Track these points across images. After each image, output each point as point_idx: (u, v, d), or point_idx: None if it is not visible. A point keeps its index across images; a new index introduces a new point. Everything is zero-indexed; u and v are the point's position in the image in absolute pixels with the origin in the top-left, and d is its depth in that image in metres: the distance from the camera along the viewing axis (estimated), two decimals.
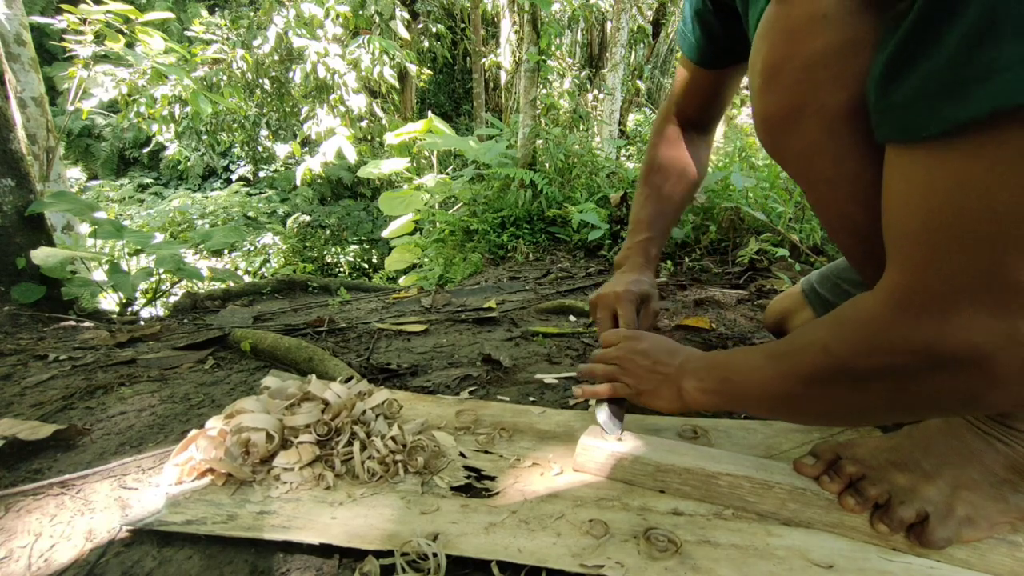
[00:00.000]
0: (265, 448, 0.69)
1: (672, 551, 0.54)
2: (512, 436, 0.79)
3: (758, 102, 0.53)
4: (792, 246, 2.05)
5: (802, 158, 0.53)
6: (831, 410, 0.53)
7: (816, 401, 0.52)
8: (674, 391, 0.66)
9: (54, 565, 0.55)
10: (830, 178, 0.52)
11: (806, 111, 0.49)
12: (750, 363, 0.58)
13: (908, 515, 0.53)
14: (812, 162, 0.52)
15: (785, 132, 0.52)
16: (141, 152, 11.54)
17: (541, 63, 3.81)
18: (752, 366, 0.58)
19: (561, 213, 3.14)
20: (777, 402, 0.56)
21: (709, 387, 0.63)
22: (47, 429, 0.81)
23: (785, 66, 0.49)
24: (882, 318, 0.44)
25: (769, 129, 0.54)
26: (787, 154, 0.54)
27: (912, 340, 0.42)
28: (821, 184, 0.54)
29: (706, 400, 0.63)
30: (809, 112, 0.49)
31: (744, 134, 6.15)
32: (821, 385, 0.50)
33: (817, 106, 0.48)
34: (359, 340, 1.36)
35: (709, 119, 0.99)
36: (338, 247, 8.94)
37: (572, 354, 1.18)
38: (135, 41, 4.02)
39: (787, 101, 0.50)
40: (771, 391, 0.55)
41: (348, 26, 6.69)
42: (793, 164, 0.55)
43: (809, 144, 0.51)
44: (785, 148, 0.54)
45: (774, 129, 0.53)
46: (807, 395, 0.52)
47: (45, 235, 2.03)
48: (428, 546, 0.54)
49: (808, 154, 0.52)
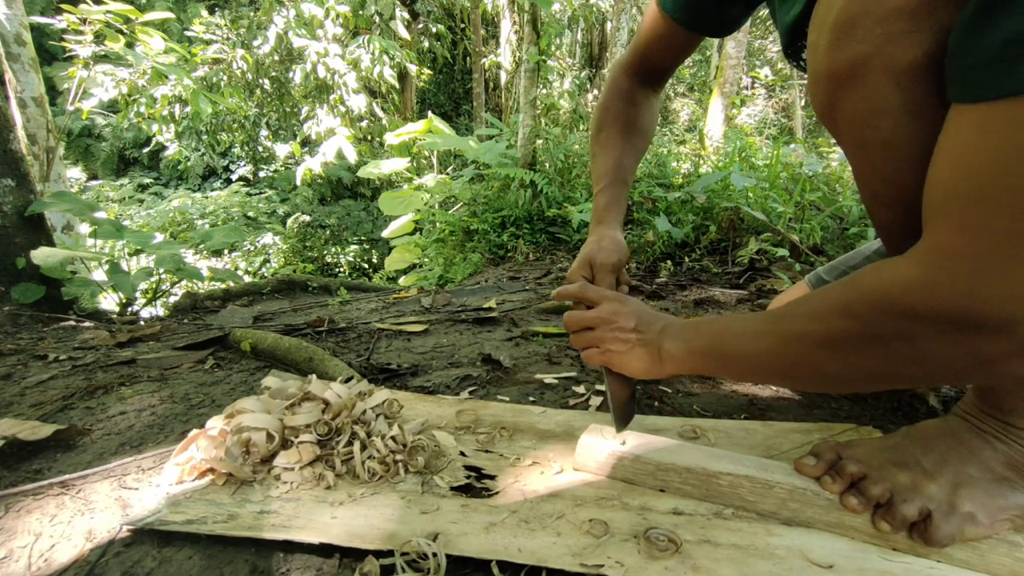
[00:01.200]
0: (265, 448, 0.69)
1: (672, 551, 0.54)
2: (512, 436, 0.79)
3: (824, 57, 0.50)
4: (792, 246, 2.05)
5: (861, 119, 0.50)
6: (840, 374, 0.51)
7: (825, 363, 0.51)
8: (653, 353, 0.65)
9: (54, 565, 0.55)
10: (888, 141, 0.49)
11: (876, 66, 0.46)
12: (746, 327, 0.58)
13: (911, 513, 0.53)
14: (872, 123, 0.49)
15: (850, 88, 0.49)
16: (141, 152, 11.54)
17: (541, 63, 3.81)
18: (749, 330, 0.57)
19: (561, 213, 3.14)
20: (778, 364, 0.55)
21: (694, 347, 0.62)
22: (47, 429, 0.81)
23: (861, 18, 0.46)
24: (918, 278, 0.43)
25: (832, 86, 0.50)
26: (845, 114, 0.51)
27: (946, 302, 0.42)
28: (876, 148, 0.51)
29: (688, 361, 0.62)
30: (879, 67, 0.46)
31: (744, 134, 6.15)
32: (835, 349, 0.49)
33: (889, 61, 0.46)
34: (359, 340, 1.36)
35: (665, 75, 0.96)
36: (338, 247, 8.94)
37: (572, 354, 1.18)
38: (135, 41, 4.03)
39: (858, 54, 0.47)
40: (772, 354, 0.54)
41: (348, 26, 6.69)
42: (849, 126, 0.52)
43: (873, 103, 0.48)
44: (844, 107, 0.51)
45: (838, 85, 0.50)
46: (816, 357, 0.51)
47: (45, 235, 2.03)
48: (428, 546, 0.54)
49: (869, 114, 0.49)
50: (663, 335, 0.65)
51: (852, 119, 0.51)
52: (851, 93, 0.49)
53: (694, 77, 14.05)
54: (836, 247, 2.10)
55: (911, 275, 0.44)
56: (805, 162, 2.71)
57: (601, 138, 0.93)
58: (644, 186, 2.95)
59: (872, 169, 0.53)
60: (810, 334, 0.51)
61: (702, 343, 0.62)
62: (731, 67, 6.86)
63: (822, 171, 2.85)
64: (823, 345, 0.50)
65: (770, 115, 10.82)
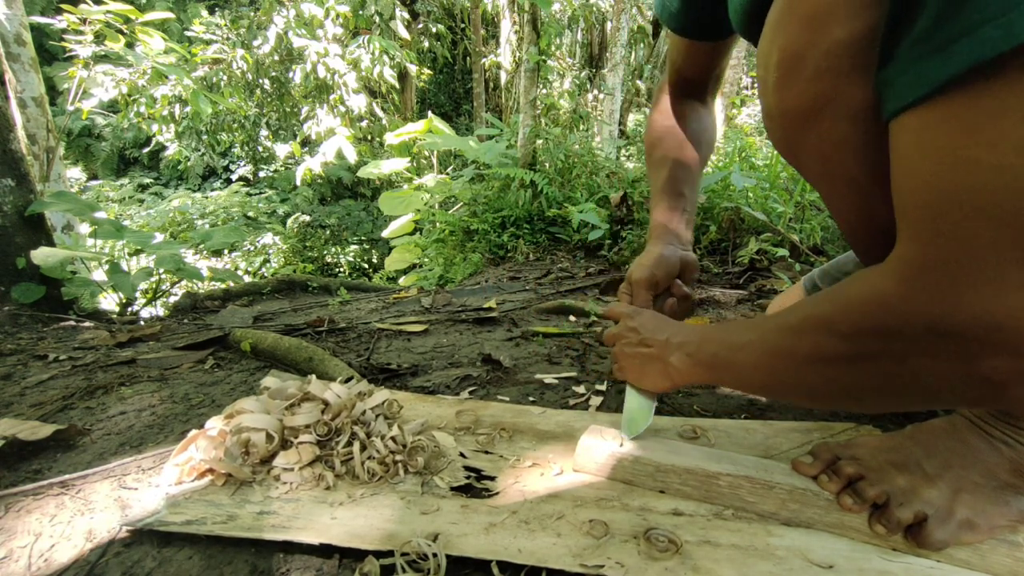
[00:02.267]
0: (265, 448, 0.69)
1: (672, 551, 0.54)
2: (512, 436, 0.79)
3: (774, 96, 0.50)
4: (792, 246, 2.05)
5: (823, 155, 0.50)
6: (827, 390, 0.50)
7: (813, 380, 0.50)
8: (661, 367, 0.65)
9: (54, 565, 0.55)
10: (853, 175, 0.49)
11: (830, 104, 0.46)
12: (743, 337, 0.57)
13: (906, 516, 0.53)
14: (834, 159, 0.49)
15: (806, 128, 0.49)
16: (141, 152, 11.54)
17: (541, 63, 3.81)
18: (745, 341, 0.56)
19: (561, 213, 3.14)
20: (770, 379, 0.55)
21: (698, 360, 0.61)
22: (47, 429, 0.81)
23: (807, 55, 0.45)
24: (893, 293, 0.42)
25: (786, 125, 0.50)
26: (805, 152, 0.51)
27: (925, 315, 0.40)
28: (842, 181, 0.51)
29: (693, 373, 0.62)
30: (834, 105, 0.46)
31: (744, 134, 6.15)
32: (821, 364, 0.48)
33: (843, 98, 0.45)
34: (359, 340, 1.36)
35: (703, 87, 0.94)
36: (338, 247, 8.94)
37: (572, 354, 1.18)
38: (135, 41, 4.03)
39: (810, 94, 0.47)
40: (765, 368, 0.54)
41: (348, 26, 6.69)
42: (812, 162, 0.52)
43: (832, 140, 0.48)
44: (804, 145, 0.50)
45: (793, 125, 0.50)
46: (804, 374, 0.50)
47: (45, 235, 2.03)
48: (428, 546, 0.54)
49: (831, 151, 0.49)
50: (668, 348, 0.65)
51: (815, 155, 0.50)
52: (809, 132, 0.49)
53: None
54: (836, 247, 2.10)
55: (886, 289, 0.43)
56: None
57: (652, 159, 0.93)
58: (644, 186, 2.95)
59: (841, 201, 0.53)
60: (796, 350, 0.50)
61: (704, 355, 0.61)
62: (731, 67, 6.86)
63: None
64: (809, 362, 0.49)
65: None
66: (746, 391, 0.66)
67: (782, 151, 0.54)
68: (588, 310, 1.51)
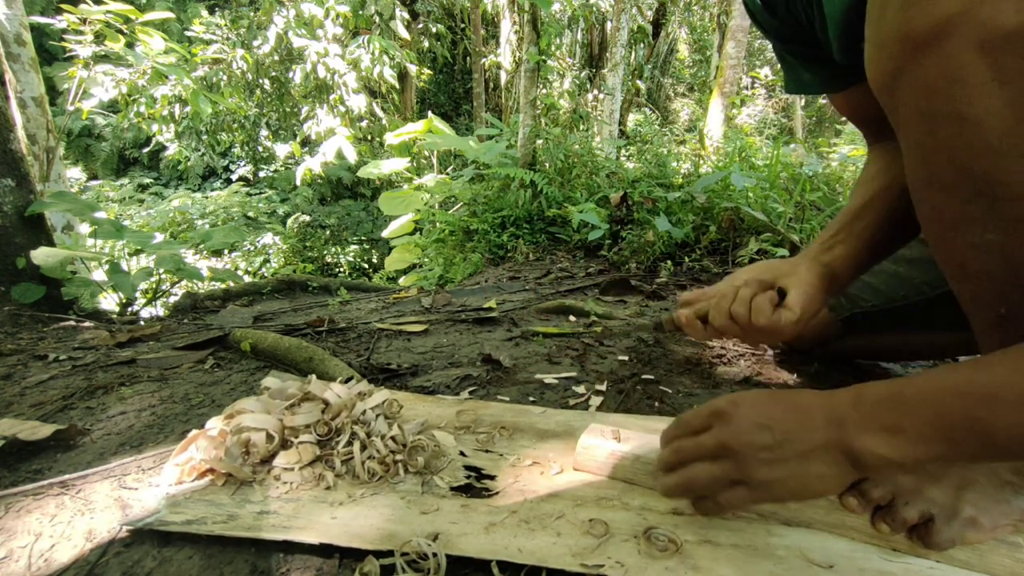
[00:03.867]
0: (265, 448, 0.69)
1: (672, 551, 0.54)
2: (512, 436, 0.79)
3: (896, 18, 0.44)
4: (792, 246, 2.05)
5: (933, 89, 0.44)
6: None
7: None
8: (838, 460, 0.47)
9: (54, 565, 0.55)
10: (963, 116, 0.43)
11: (963, 27, 0.41)
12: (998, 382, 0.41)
13: (911, 516, 0.53)
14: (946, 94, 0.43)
15: (925, 54, 0.43)
16: (141, 152, 11.54)
17: (541, 63, 3.81)
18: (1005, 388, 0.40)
19: (561, 213, 3.14)
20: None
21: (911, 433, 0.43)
22: (47, 429, 0.81)
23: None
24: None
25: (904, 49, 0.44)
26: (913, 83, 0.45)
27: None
28: (947, 122, 0.44)
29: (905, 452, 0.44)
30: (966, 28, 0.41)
31: (744, 134, 6.15)
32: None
33: (978, 25, 0.40)
34: (359, 340, 1.36)
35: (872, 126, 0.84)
36: (338, 247, 8.95)
37: (572, 354, 1.18)
38: (135, 41, 4.03)
39: (941, 14, 0.41)
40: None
41: (348, 26, 6.69)
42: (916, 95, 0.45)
43: (951, 71, 0.42)
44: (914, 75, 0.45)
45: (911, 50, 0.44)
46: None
47: (45, 235, 2.03)
48: (428, 546, 0.54)
49: (944, 84, 0.43)
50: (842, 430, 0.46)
51: (922, 88, 0.45)
52: (925, 59, 0.43)
53: (694, 77, 14.06)
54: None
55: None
56: (805, 162, 2.71)
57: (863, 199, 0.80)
58: (644, 186, 2.95)
59: (935, 146, 0.46)
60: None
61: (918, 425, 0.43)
62: (731, 67, 6.86)
63: (822, 171, 2.86)
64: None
65: (770, 115, 10.82)
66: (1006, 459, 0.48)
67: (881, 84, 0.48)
68: (588, 310, 1.51)
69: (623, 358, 1.14)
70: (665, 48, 12.07)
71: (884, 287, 0.85)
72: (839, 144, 4.31)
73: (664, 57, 12.42)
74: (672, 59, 14.00)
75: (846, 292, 0.89)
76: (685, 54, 14.82)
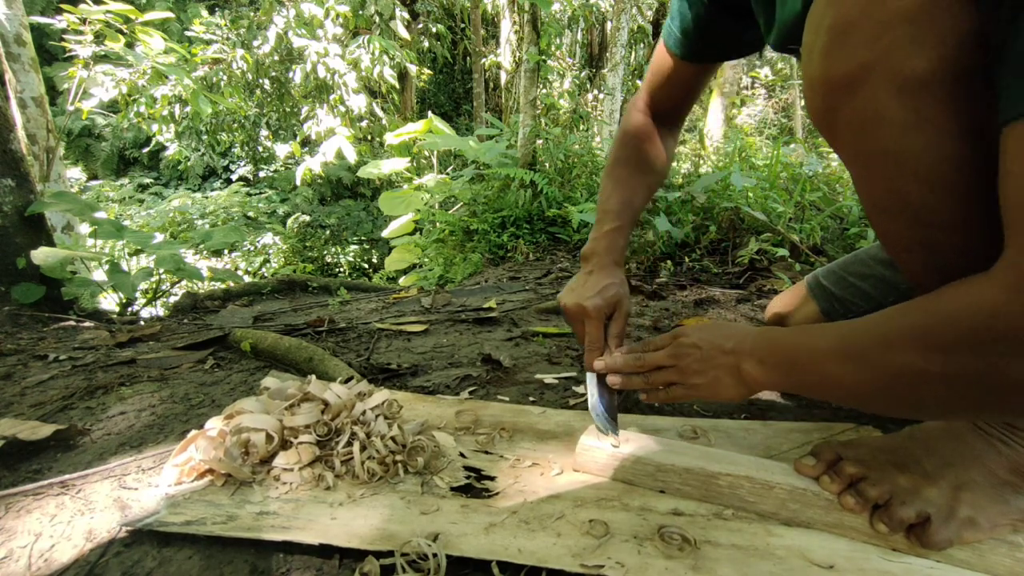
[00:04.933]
0: (265, 448, 0.69)
1: (689, 550, 0.54)
2: (512, 436, 0.79)
3: (820, 62, 0.48)
4: (792, 246, 2.05)
5: (860, 127, 0.48)
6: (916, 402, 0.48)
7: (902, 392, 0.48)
8: (735, 375, 0.62)
9: (54, 565, 0.55)
10: (890, 151, 0.47)
11: (877, 73, 0.44)
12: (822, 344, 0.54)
13: (908, 515, 0.53)
14: (872, 132, 0.47)
15: (847, 96, 0.47)
16: (141, 152, 11.54)
17: (541, 63, 3.81)
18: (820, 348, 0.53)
19: (561, 213, 3.14)
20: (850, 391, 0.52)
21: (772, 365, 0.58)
22: (47, 429, 0.81)
23: (862, 22, 0.44)
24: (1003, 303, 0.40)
25: (828, 91, 0.48)
26: (842, 121, 0.49)
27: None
28: (877, 157, 0.48)
29: (768, 379, 0.59)
30: (880, 74, 0.44)
31: (744, 134, 6.15)
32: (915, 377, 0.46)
33: (891, 69, 0.44)
34: (359, 340, 1.36)
35: (680, 113, 0.95)
36: (338, 247, 8.94)
37: (572, 354, 1.18)
38: (135, 41, 4.03)
39: (857, 61, 0.45)
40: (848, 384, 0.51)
41: (348, 26, 6.69)
42: (846, 133, 0.50)
43: (873, 111, 0.46)
44: (842, 114, 0.49)
45: (834, 92, 0.48)
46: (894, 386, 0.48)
47: (45, 235, 2.03)
48: (428, 546, 0.54)
49: (869, 122, 0.47)
50: (739, 356, 0.61)
51: (850, 128, 0.49)
52: (849, 101, 0.47)
53: None
54: (836, 247, 2.10)
55: (996, 298, 0.41)
56: (805, 162, 2.71)
57: (614, 174, 0.91)
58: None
59: (872, 179, 0.51)
60: (888, 363, 0.47)
61: (777, 361, 0.58)
62: (731, 67, 6.87)
63: (822, 171, 2.85)
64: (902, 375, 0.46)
65: (770, 115, 10.82)
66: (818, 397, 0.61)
67: (819, 124, 0.52)
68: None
69: None
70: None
71: (874, 291, 0.86)
72: None
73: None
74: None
75: (839, 297, 0.90)
76: None
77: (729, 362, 0.62)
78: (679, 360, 0.67)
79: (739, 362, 0.61)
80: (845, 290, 0.89)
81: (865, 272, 0.87)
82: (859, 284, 0.88)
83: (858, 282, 0.88)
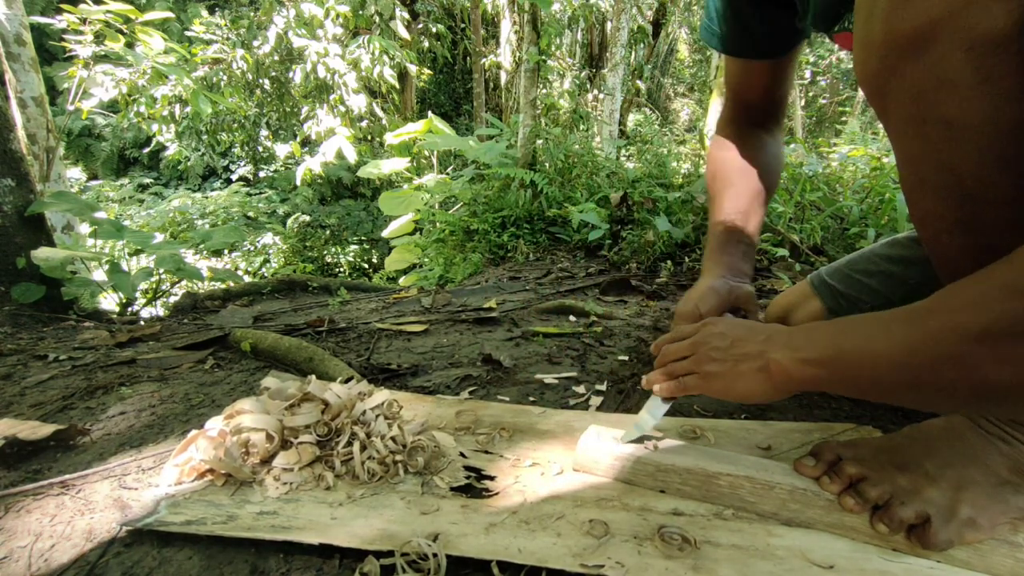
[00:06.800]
0: (265, 448, 0.69)
1: (689, 549, 0.54)
2: (512, 436, 0.79)
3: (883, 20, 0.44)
4: (792, 246, 2.05)
5: (920, 93, 0.44)
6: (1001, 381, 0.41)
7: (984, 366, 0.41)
8: (760, 368, 0.56)
9: (54, 565, 0.55)
10: (951, 120, 0.43)
11: (948, 30, 0.41)
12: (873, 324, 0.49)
13: (908, 516, 0.53)
14: (934, 97, 0.43)
15: (912, 56, 0.43)
16: (141, 152, 11.53)
17: (541, 63, 3.81)
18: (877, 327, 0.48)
19: (561, 213, 3.14)
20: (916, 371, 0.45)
21: (809, 356, 0.52)
22: (47, 429, 0.81)
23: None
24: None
25: (889, 51, 0.44)
26: (902, 86, 0.45)
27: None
28: (935, 127, 0.44)
29: (801, 373, 0.53)
30: (952, 32, 0.40)
31: None
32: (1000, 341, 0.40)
33: (964, 28, 0.40)
34: (359, 340, 1.36)
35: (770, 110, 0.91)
36: (338, 247, 8.94)
37: (572, 354, 1.18)
38: (135, 41, 4.02)
39: (928, 16, 0.41)
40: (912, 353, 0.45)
41: (348, 26, 6.69)
42: (904, 99, 0.46)
43: (938, 75, 0.42)
44: (901, 78, 0.45)
45: (897, 51, 0.44)
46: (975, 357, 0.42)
47: (45, 235, 2.03)
48: (428, 546, 0.54)
49: (932, 88, 0.43)
50: (769, 345, 0.56)
51: (909, 92, 0.45)
52: (912, 63, 0.43)
53: (694, 77, 14.06)
54: (836, 247, 2.10)
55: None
56: (805, 162, 2.71)
57: (711, 192, 0.92)
58: (644, 186, 2.95)
59: (925, 150, 0.47)
60: (967, 325, 0.41)
61: (817, 349, 0.52)
62: None
63: (822, 171, 2.85)
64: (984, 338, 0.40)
65: None
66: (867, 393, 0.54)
67: (871, 89, 0.48)
68: (588, 310, 1.51)
69: (623, 358, 1.14)
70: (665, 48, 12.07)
71: (882, 288, 0.85)
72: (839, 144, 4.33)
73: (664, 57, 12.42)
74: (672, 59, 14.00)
75: (845, 294, 0.89)
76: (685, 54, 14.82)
77: (756, 351, 0.57)
78: (697, 348, 0.63)
79: (769, 353, 0.56)
80: (851, 287, 0.89)
81: (872, 269, 0.87)
82: (866, 281, 0.88)
83: (865, 279, 0.87)
